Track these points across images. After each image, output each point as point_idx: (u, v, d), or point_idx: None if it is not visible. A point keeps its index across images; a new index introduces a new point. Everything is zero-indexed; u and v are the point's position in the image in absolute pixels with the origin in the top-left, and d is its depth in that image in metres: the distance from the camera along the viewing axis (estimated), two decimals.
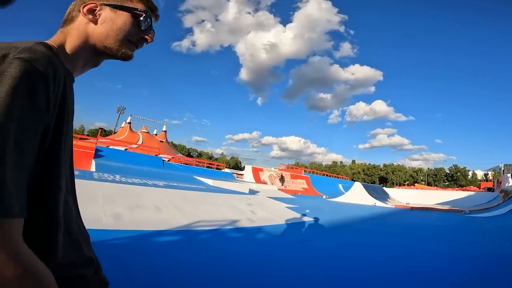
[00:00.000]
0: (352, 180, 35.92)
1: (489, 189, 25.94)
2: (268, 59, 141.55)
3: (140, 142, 34.29)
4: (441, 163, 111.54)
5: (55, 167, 0.52)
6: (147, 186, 6.57)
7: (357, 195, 14.23)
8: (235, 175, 20.77)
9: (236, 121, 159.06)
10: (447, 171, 76.51)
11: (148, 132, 40.84)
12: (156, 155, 19.46)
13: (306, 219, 6.43)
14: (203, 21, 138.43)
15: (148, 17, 0.70)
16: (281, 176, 20.64)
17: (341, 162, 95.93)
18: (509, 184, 18.83)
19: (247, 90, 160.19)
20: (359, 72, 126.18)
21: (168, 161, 19.32)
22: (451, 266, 3.50)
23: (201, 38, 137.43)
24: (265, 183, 17.91)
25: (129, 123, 39.49)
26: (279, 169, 23.83)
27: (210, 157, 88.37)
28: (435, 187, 46.77)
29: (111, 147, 20.06)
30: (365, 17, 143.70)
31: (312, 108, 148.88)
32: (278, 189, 15.87)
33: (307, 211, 7.76)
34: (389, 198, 17.49)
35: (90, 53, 0.66)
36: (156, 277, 2.28)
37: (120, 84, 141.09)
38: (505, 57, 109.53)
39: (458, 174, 72.60)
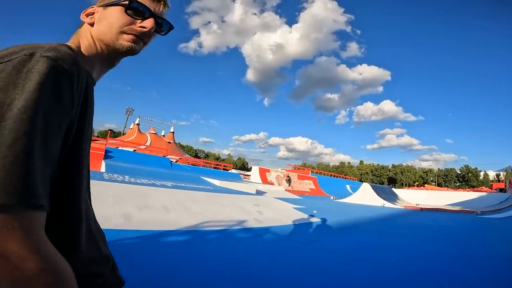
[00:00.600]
0: (360, 181, 35.55)
1: (501, 190, 25.26)
2: (275, 60, 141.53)
3: (148, 143, 34.70)
4: (452, 164, 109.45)
5: (77, 164, 0.53)
6: (156, 187, 6.66)
7: (365, 196, 14.07)
8: (242, 176, 20.81)
9: (243, 122, 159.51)
10: (458, 172, 74.88)
11: (156, 133, 41.30)
12: (164, 156, 19.67)
13: (314, 220, 6.40)
14: (210, 23, 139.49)
15: (136, 4, 0.66)
16: (288, 177, 20.58)
17: (349, 163, 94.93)
18: None
19: (254, 91, 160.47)
20: (367, 72, 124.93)
21: (176, 162, 19.50)
22: (462, 268, 3.43)
23: (208, 40, 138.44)
24: (272, 184, 17.89)
25: (138, 125, 40.02)
26: (286, 170, 23.76)
27: (217, 158, 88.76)
28: (446, 188, 45.82)
29: (120, 148, 20.37)
30: (372, 17, 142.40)
31: (320, 109, 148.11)
32: (285, 190, 15.83)
33: (315, 212, 7.72)
34: (398, 199, 17.23)
35: (100, 54, 0.67)
36: (166, 276, 2.32)
37: (130, 86, 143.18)
38: None
39: (470, 175, 70.96)
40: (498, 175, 65.31)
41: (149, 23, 0.68)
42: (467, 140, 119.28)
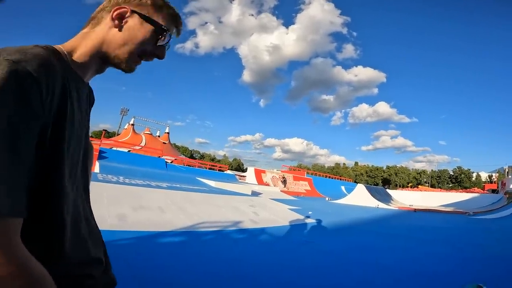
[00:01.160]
0: (355, 182, 35.80)
1: (494, 191, 25.66)
2: (271, 61, 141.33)
3: (143, 144, 34.45)
4: (445, 165, 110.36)
5: (57, 167, 0.51)
6: (151, 188, 6.62)
7: (360, 197, 14.17)
8: (238, 177, 20.77)
9: (239, 123, 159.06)
10: (451, 173, 75.88)
11: (151, 134, 41.02)
12: (159, 157, 19.55)
13: (309, 221, 6.42)
14: (206, 23, 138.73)
15: (169, 37, 0.67)
16: (284, 178, 20.62)
17: (344, 164, 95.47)
18: None
19: (250, 92, 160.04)
20: (362, 74, 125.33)
21: (171, 163, 19.37)
22: (455, 268, 3.49)
23: (204, 40, 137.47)
24: (268, 185, 17.91)
25: (132, 125, 39.68)
26: (282, 171, 23.81)
27: (213, 159, 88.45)
28: (439, 189, 46.41)
29: (115, 149, 20.18)
30: (368, 19, 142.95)
31: (315, 110, 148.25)
32: (281, 191, 15.86)
33: (310, 213, 7.75)
34: (392, 200, 17.39)
35: (100, 59, 0.65)
36: (161, 277, 2.31)
37: (125, 86, 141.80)
38: (509, 58, 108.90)
39: (462, 176, 71.96)
40: (491, 176, 66.30)
41: (164, 53, 0.69)
42: (460, 142, 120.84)
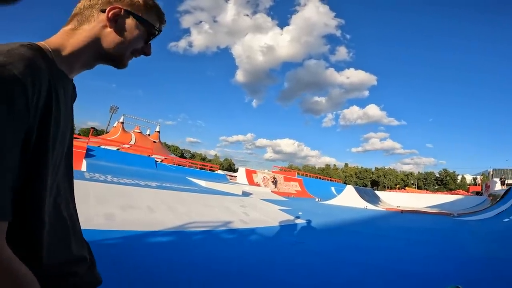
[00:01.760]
0: (345, 183, 36.23)
1: (478, 193, 26.51)
2: (265, 62, 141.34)
3: (133, 142, 33.90)
4: (432, 167, 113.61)
5: (41, 170, 0.51)
6: (140, 187, 6.51)
7: (349, 198, 14.36)
8: (229, 177, 20.71)
9: (231, 123, 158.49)
10: (437, 175, 77.86)
11: (141, 132, 40.40)
12: (149, 156, 19.28)
13: (299, 221, 6.46)
14: (201, 22, 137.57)
15: (158, 35, 0.71)
16: (274, 179, 20.68)
17: (334, 165, 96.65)
18: (497, 188, 19.31)
19: (243, 92, 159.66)
20: (354, 76, 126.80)
21: (161, 162, 19.15)
22: (440, 268, 3.57)
23: (198, 39, 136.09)
24: (259, 185, 17.93)
25: (122, 123, 39.00)
26: (273, 172, 23.88)
27: (204, 159, 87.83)
28: (425, 191, 47.53)
29: (103, 147, 19.78)
30: (362, 22, 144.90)
31: (307, 111, 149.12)
32: (271, 191, 15.89)
33: (300, 213, 7.80)
34: (380, 201, 17.71)
35: (91, 57, 0.65)
36: (149, 277, 2.27)
37: (115, 83, 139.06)
38: (492, 67, 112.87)
39: (448, 178, 73.95)
40: (475, 179, 68.43)
41: (151, 50, 0.73)
42: (446, 145, 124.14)
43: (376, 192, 20.81)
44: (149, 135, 42.49)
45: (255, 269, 2.89)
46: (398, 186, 63.00)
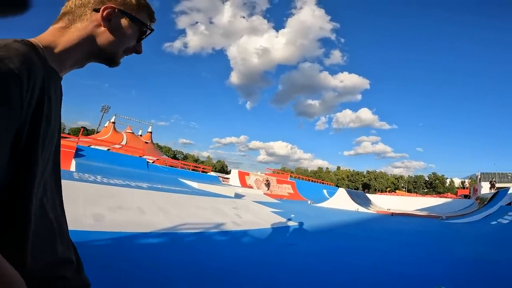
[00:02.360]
0: (337, 186, 36.54)
1: (466, 196, 27.05)
2: (259, 64, 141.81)
3: (124, 143, 33.45)
4: (421, 171, 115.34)
5: (29, 168, 0.50)
6: (130, 188, 6.42)
7: (341, 201, 14.47)
8: (221, 179, 20.61)
9: (224, 125, 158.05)
10: (426, 179, 79.29)
11: (133, 133, 39.90)
12: (140, 156, 19.03)
13: (291, 224, 6.47)
14: (197, 23, 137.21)
15: (150, 34, 0.72)
16: (267, 181, 20.68)
17: (327, 168, 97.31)
18: (485, 192, 19.77)
19: (237, 94, 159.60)
20: (348, 80, 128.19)
21: (153, 163, 18.91)
22: (429, 270, 3.62)
23: (194, 40, 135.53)
24: (251, 187, 17.90)
25: (113, 123, 38.44)
26: (265, 174, 23.88)
27: (196, 160, 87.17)
28: (415, 194, 48.27)
29: (93, 147, 19.43)
30: (357, 26, 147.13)
31: (301, 114, 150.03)
32: (264, 194, 15.90)
33: (292, 216, 7.81)
34: (371, 204, 17.90)
35: (84, 55, 0.65)
36: (139, 279, 2.23)
37: (107, 83, 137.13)
38: (481, 72, 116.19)
39: (437, 182, 75.38)
40: (463, 182, 69.77)
41: (142, 49, 0.74)
42: (436, 149, 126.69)
43: (368, 195, 21.05)
44: (141, 136, 42.01)
45: (247, 271, 2.87)
46: (389, 189, 63.73)
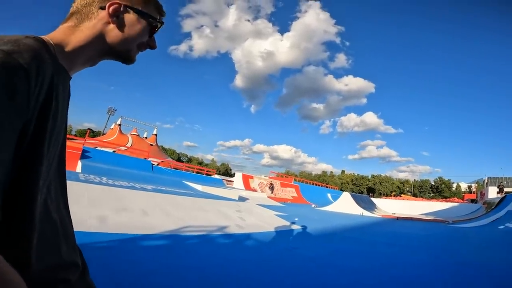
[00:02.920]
0: (341, 190, 36.22)
1: (473, 201, 26.58)
2: (264, 67, 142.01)
3: (129, 145, 33.69)
4: (427, 175, 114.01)
5: (34, 167, 0.49)
6: (135, 190, 6.46)
7: (345, 205, 14.36)
8: (225, 182, 20.59)
9: (229, 128, 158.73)
10: (432, 183, 78.30)
11: (138, 135, 40.20)
12: (145, 159, 19.15)
13: (295, 227, 6.43)
14: (202, 26, 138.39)
15: (162, 27, 0.72)
16: (271, 184, 20.62)
17: (331, 172, 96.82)
18: (492, 196, 19.42)
19: (241, 98, 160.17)
20: (352, 84, 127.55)
21: (157, 165, 19.01)
22: (435, 275, 3.56)
23: (199, 43, 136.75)
24: (255, 191, 17.86)
25: (119, 125, 38.78)
26: (269, 177, 23.83)
27: (200, 163, 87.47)
28: (421, 198, 47.71)
29: (99, 149, 19.62)
30: (361, 30, 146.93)
31: (305, 118, 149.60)
32: (268, 197, 15.85)
33: (296, 219, 7.77)
34: (376, 208, 17.73)
35: (96, 53, 0.64)
36: (142, 281, 2.24)
37: (113, 86, 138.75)
38: (489, 73, 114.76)
39: (443, 186, 74.40)
40: (470, 187, 68.73)
41: (155, 43, 0.74)
42: (442, 153, 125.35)
43: (372, 199, 20.85)
44: (146, 138, 42.32)
45: (250, 274, 2.86)
46: (394, 194, 63.15)
